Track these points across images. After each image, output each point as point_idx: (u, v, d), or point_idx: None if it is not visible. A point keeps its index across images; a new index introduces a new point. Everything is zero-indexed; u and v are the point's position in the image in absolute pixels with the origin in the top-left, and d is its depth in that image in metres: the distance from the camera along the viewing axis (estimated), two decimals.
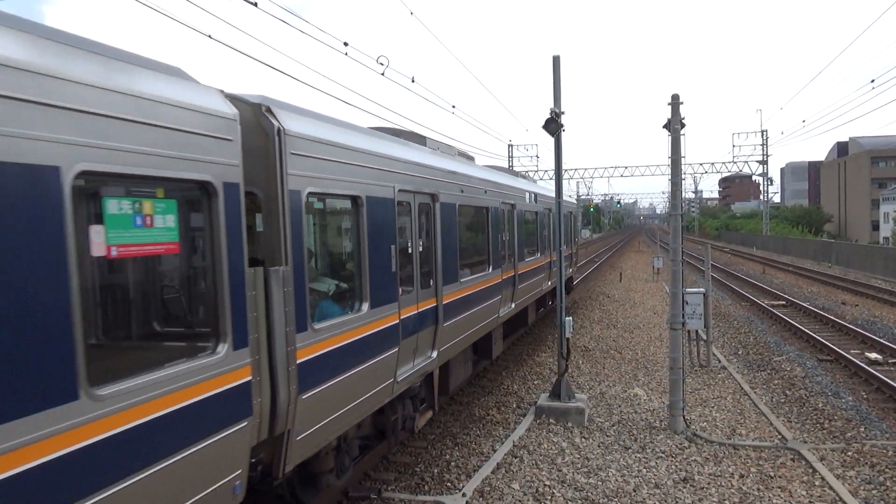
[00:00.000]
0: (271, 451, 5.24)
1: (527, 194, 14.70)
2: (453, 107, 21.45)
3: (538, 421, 10.55)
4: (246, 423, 4.59)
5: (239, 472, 4.57)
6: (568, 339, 11.06)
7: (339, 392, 5.90)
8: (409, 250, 7.74)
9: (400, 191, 7.31)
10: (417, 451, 9.34)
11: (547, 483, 8.15)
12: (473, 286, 10.02)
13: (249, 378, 4.64)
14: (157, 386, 3.80)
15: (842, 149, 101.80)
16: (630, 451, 9.32)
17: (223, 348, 4.38)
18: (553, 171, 11.57)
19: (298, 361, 5.20)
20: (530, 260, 14.62)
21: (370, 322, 6.51)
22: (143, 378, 3.73)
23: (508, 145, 66.80)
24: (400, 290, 7.24)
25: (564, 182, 11.59)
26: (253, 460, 4.90)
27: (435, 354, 8.42)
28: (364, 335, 6.37)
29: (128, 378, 3.66)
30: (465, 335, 9.73)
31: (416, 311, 7.77)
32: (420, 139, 9.35)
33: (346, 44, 12.66)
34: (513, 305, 12.89)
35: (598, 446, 9.52)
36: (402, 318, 7.26)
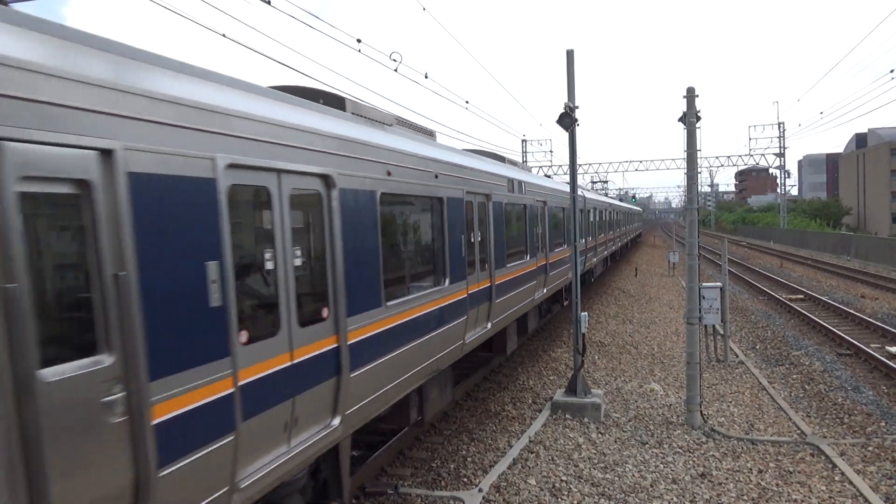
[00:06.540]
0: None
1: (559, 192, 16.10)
2: (466, 102, 21.40)
3: (554, 416, 10.54)
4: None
5: None
6: (583, 334, 11.04)
7: None
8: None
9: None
10: (434, 446, 9.36)
11: (563, 478, 8.15)
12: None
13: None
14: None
15: (860, 140, 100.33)
16: (647, 446, 9.29)
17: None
18: (567, 166, 11.51)
19: None
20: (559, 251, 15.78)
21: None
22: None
23: (522, 140, 66.63)
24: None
25: (579, 178, 11.52)
26: None
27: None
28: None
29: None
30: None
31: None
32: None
33: (359, 40, 12.66)
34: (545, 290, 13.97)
35: (615, 442, 9.49)
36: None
